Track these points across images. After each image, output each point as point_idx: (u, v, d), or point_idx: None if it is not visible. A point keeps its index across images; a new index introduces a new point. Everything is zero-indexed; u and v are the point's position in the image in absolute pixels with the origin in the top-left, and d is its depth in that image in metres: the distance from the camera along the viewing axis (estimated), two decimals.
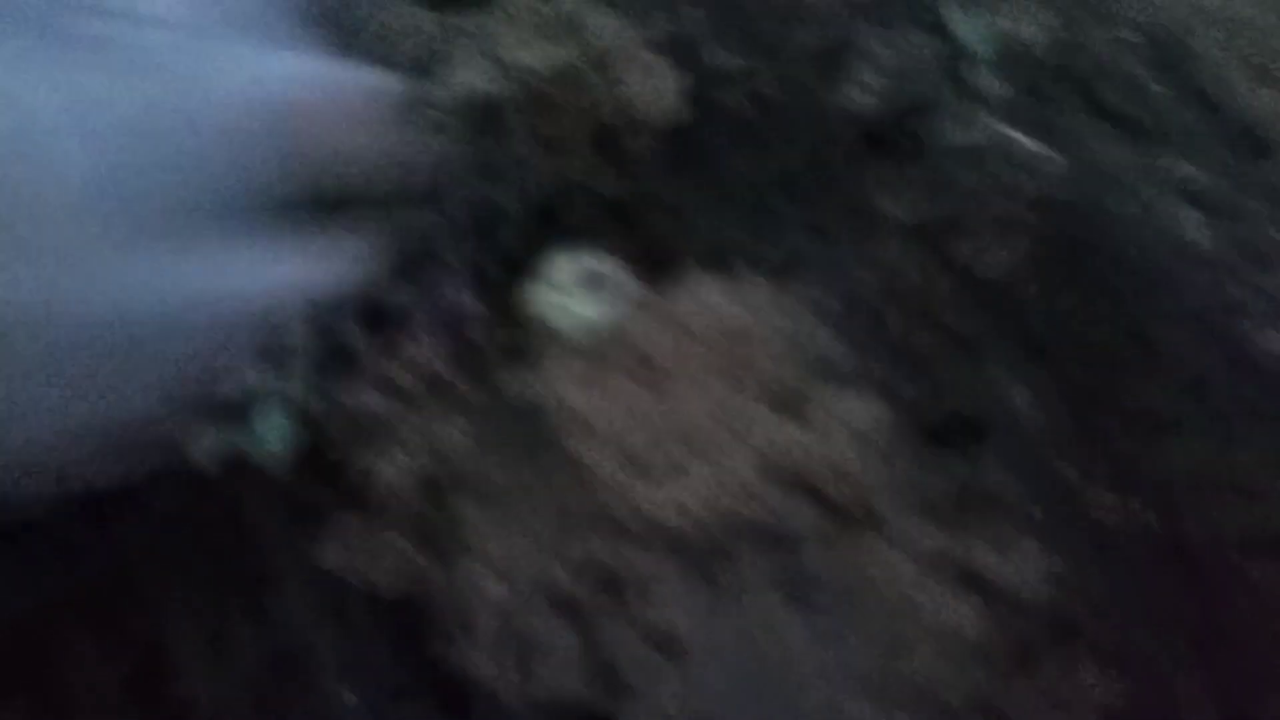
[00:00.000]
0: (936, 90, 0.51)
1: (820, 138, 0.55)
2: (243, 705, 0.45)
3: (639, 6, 0.64)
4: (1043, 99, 0.51)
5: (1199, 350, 0.47)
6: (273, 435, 0.50)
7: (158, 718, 0.44)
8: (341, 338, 0.52)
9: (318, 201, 0.42)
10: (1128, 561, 0.47)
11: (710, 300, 0.56)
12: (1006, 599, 0.46)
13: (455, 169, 0.59)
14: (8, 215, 0.29)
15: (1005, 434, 0.46)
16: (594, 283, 0.56)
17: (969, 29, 0.52)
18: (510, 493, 0.50)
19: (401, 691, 0.46)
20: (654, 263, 0.58)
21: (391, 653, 0.46)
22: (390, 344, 0.53)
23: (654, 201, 0.59)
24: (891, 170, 0.52)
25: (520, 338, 0.56)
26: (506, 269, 0.58)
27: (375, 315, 0.54)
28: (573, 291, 0.56)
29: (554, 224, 0.60)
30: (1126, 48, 0.50)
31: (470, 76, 0.62)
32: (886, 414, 0.49)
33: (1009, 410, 0.46)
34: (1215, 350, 0.47)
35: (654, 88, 0.62)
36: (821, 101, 0.55)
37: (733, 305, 0.55)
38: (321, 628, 0.46)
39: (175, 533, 0.46)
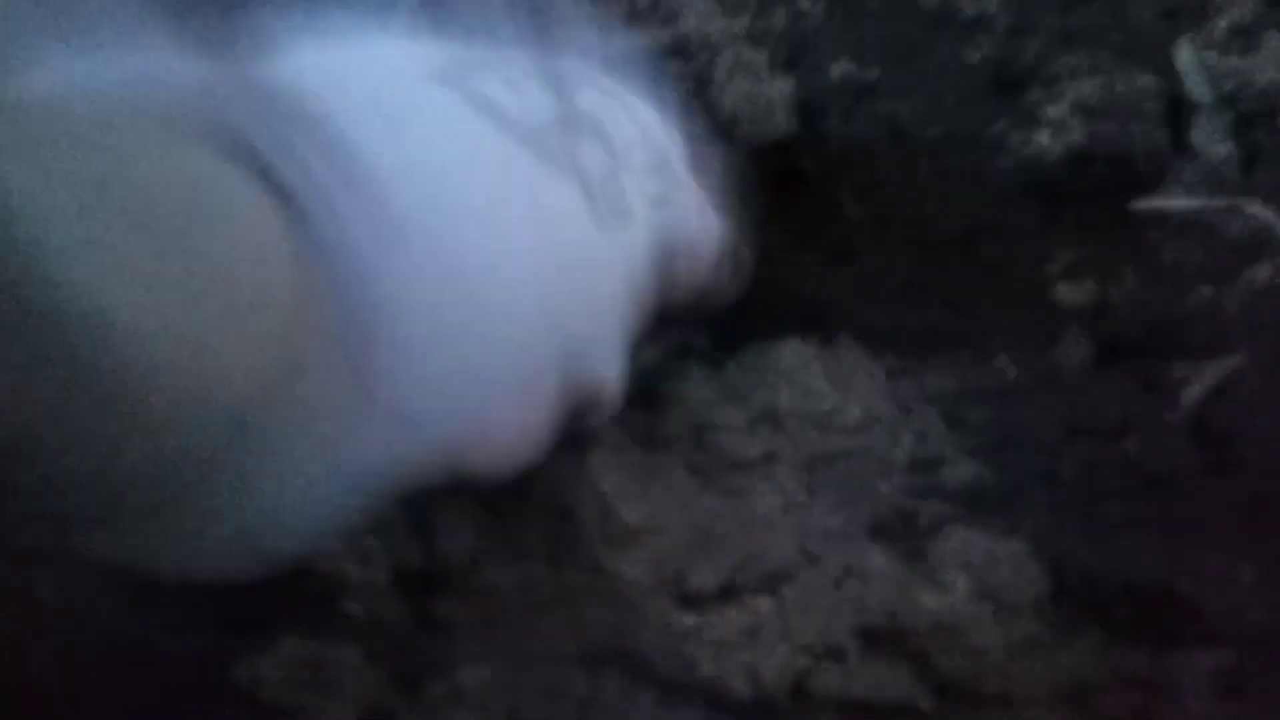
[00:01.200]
0: (1147, 141, 0.38)
1: (977, 185, 0.42)
2: None
3: None
4: None
5: None
6: None
7: None
8: None
9: None
10: None
11: (803, 378, 0.43)
12: None
13: None
14: None
15: (1210, 627, 0.32)
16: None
17: (1198, 68, 0.39)
18: (515, 606, 0.38)
19: None
20: (732, 319, 0.45)
21: None
22: None
23: (739, 241, 0.46)
24: (1073, 239, 0.39)
25: None
26: None
27: None
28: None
29: None
30: None
31: None
32: (1031, 568, 0.36)
33: (1221, 590, 0.32)
34: None
35: (754, 94, 0.50)
36: (984, 138, 0.42)
37: (833, 388, 0.42)
38: None
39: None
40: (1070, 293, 0.39)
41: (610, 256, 0.34)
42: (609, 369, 0.35)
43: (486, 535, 0.40)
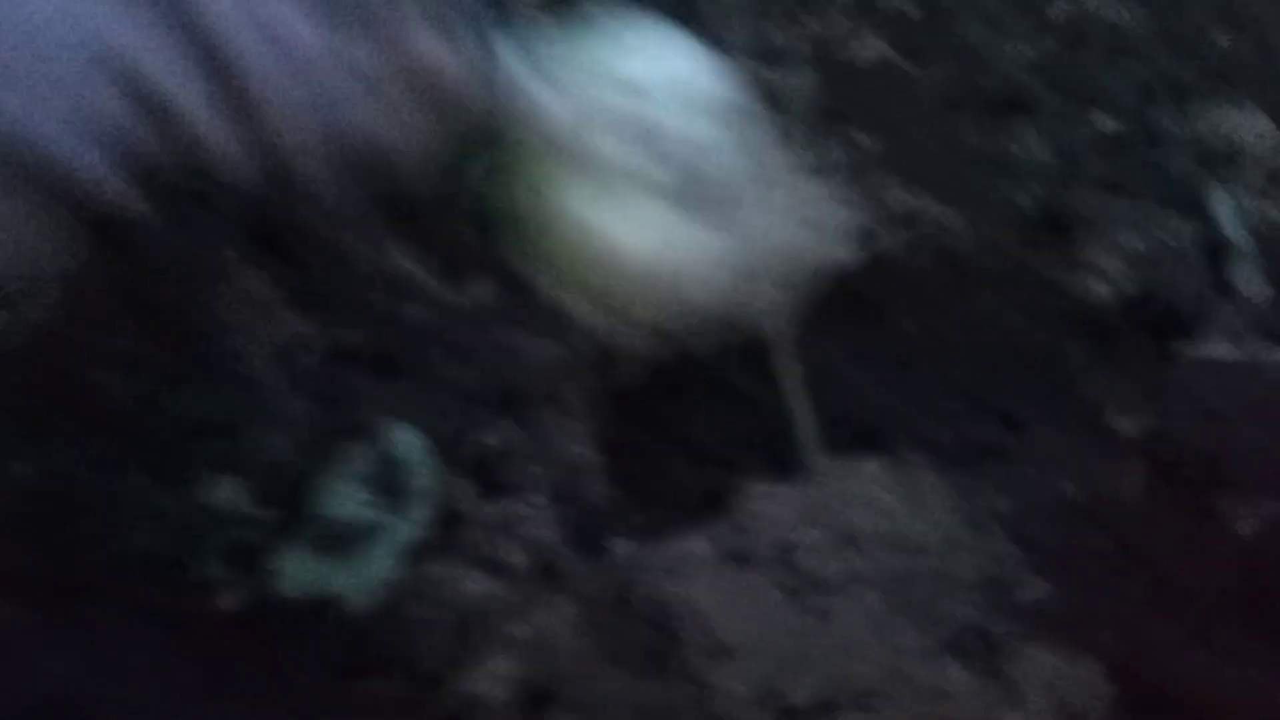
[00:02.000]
0: (1190, 285, 0.42)
1: (1031, 317, 0.46)
2: None
3: (807, 120, 0.56)
4: None
5: None
6: (367, 578, 0.41)
7: None
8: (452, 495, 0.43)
9: None
10: None
11: (874, 493, 0.47)
12: None
13: None
14: None
15: None
16: None
17: (1233, 214, 0.43)
18: (615, 713, 0.41)
19: None
20: (800, 431, 0.48)
21: None
22: (496, 505, 0.45)
23: (800, 359, 0.50)
24: (1125, 372, 0.43)
25: (648, 505, 0.47)
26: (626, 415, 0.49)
27: (484, 466, 0.45)
28: None
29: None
30: None
31: None
32: (1104, 687, 0.39)
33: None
34: None
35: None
36: (1038, 276, 0.46)
37: (903, 504, 0.46)
38: None
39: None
40: (1124, 423, 0.43)
41: None
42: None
43: (593, 650, 0.44)
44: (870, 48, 0.57)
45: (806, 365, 0.50)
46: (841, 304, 0.52)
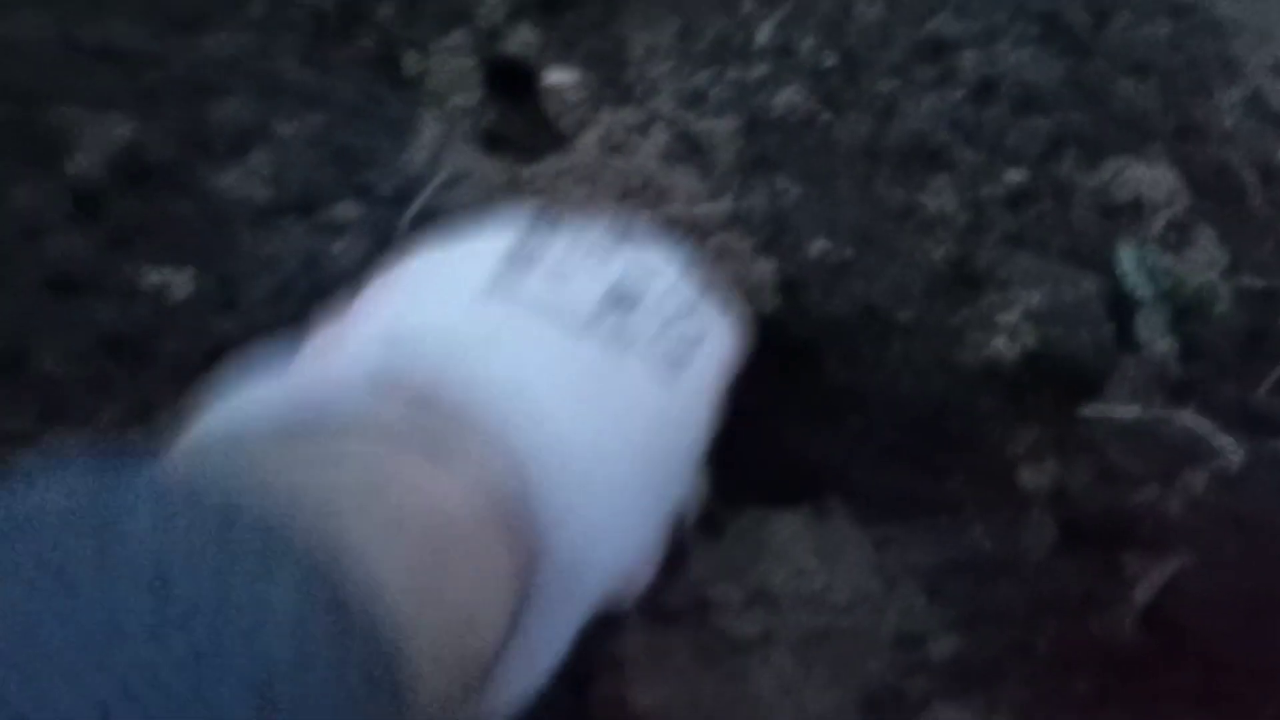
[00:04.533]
0: (1094, 340, 0.42)
1: (944, 368, 0.46)
2: None
3: (729, 170, 0.56)
4: (1224, 368, 0.42)
5: None
6: None
7: None
8: None
9: None
10: None
11: (792, 549, 0.47)
12: None
13: None
14: None
15: None
16: None
17: (1137, 267, 0.43)
18: None
19: None
20: (727, 484, 0.49)
21: None
22: None
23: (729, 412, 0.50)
24: (1032, 427, 0.43)
25: None
26: None
27: None
28: None
29: None
30: None
31: None
32: None
33: None
34: None
35: (743, 269, 0.54)
36: (948, 328, 0.46)
37: (821, 561, 0.46)
38: None
39: None
40: (1032, 476, 0.43)
41: (679, 407, 0.39)
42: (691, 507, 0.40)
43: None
44: (792, 95, 0.57)
45: (730, 418, 0.50)
46: (766, 355, 0.52)
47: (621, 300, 0.39)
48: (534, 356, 0.36)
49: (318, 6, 0.61)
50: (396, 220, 0.55)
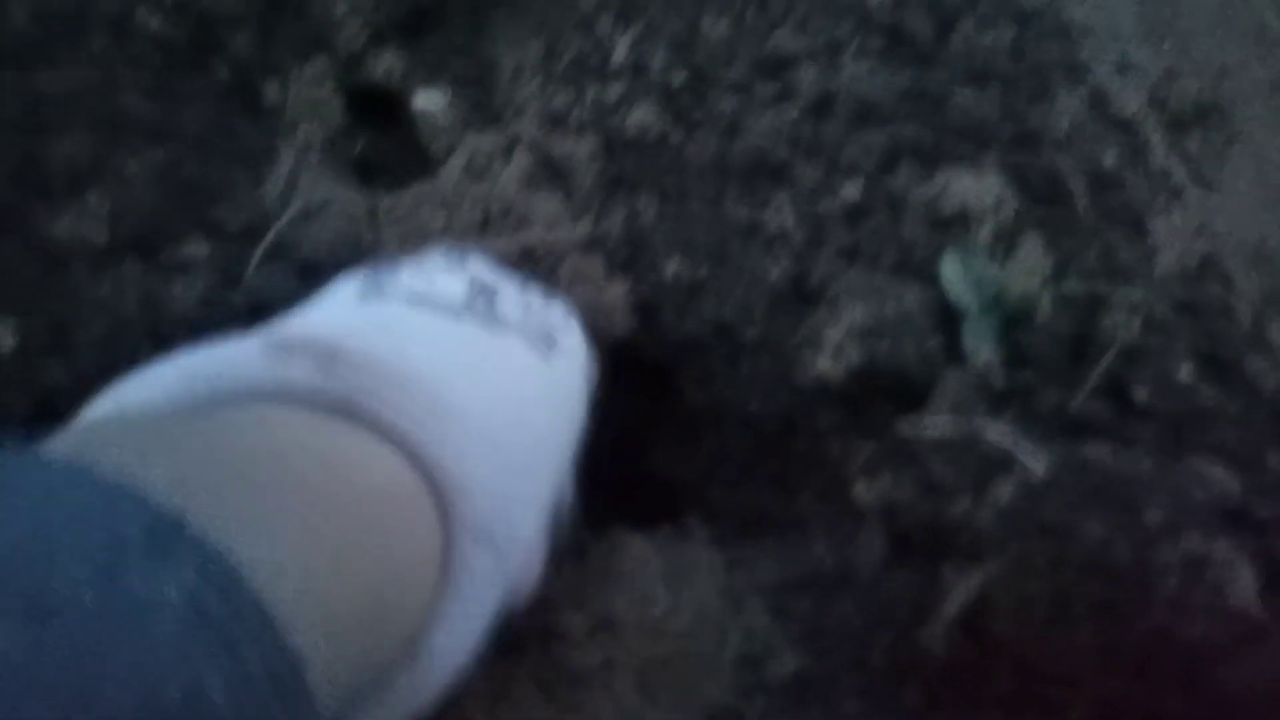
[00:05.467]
0: (920, 352, 0.43)
1: (787, 386, 0.46)
2: None
3: (589, 192, 0.56)
4: (1048, 375, 0.42)
5: None
6: None
7: None
8: None
9: None
10: None
11: (639, 574, 0.47)
12: None
13: None
14: None
15: None
16: None
17: (964, 280, 0.44)
18: None
19: None
20: (590, 510, 0.48)
21: None
22: None
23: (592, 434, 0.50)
24: (865, 444, 0.44)
25: None
26: None
27: None
28: None
29: None
30: (1155, 327, 0.42)
31: None
32: None
33: None
34: None
35: (597, 293, 0.54)
36: (788, 347, 0.47)
37: (666, 586, 0.46)
38: None
39: None
40: (866, 491, 0.43)
41: (558, 383, 0.40)
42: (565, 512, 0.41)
43: None
44: (645, 115, 0.57)
45: (593, 441, 0.49)
46: (626, 377, 0.52)
47: (484, 289, 0.40)
48: (419, 335, 0.36)
49: (167, 38, 0.60)
50: (248, 257, 0.55)
